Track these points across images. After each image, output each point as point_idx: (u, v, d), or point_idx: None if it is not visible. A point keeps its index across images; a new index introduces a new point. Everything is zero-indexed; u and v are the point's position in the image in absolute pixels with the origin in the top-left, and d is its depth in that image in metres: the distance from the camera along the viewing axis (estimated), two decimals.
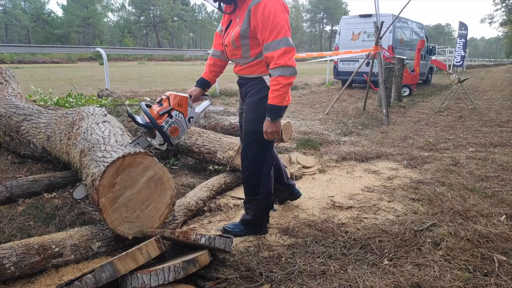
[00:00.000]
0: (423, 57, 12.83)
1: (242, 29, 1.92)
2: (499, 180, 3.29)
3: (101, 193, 1.89)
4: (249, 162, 2.19)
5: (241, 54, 2.03)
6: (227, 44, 2.06)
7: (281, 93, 1.90)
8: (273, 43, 1.86)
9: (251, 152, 2.17)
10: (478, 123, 6.24)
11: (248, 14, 1.88)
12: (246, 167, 2.21)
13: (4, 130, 3.49)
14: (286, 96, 1.95)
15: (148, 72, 19.12)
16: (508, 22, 36.42)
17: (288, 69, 1.87)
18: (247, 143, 2.17)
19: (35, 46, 14.44)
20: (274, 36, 1.85)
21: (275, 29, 1.84)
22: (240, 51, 2.02)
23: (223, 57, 2.24)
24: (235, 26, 1.98)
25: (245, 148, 2.18)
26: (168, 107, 2.10)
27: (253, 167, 2.19)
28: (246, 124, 2.14)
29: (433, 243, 2.17)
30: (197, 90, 2.28)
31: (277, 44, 1.85)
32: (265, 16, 1.84)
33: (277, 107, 1.94)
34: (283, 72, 1.88)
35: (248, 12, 1.88)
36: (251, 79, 2.10)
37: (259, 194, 2.23)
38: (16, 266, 1.74)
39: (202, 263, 1.74)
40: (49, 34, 60.92)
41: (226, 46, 2.07)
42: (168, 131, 2.11)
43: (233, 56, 2.09)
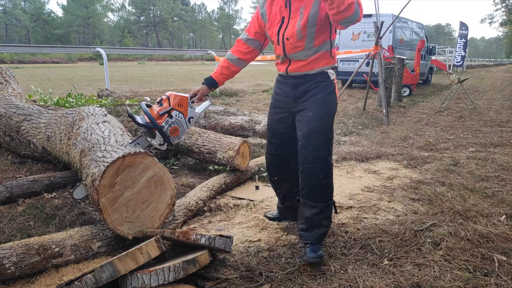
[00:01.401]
0: (423, 57, 12.83)
1: (311, 14, 1.86)
2: (499, 180, 3.29)
3: (101, 193, 1.90)
4: (324, 161, 1.99)
5: (305, 45, 1.92)
6: (289, 36, 1.94)
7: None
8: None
9: (324, 150, 1.99)
10: (478, 123, 6.24)
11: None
12: (320, 168, 1.98)
13: (4, 130, 3.49)
14: None
15: (148, 72, 19.12)
16: (508, 22, 36.43)
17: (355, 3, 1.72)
18: (319, 142, 1.98)
19: (35, 46, 14.44)
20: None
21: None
22: (304, 42, 1.91)
23: (239, 64, 2.21)
24: (296, 17, 1.91)
25: (317, 148, 1.97)
26: (168, 107, 2.10)
27: (328, 167, 2.02)
28: (315, 122, 1.97)
29: (433, 243, 2.17)
30: (204, 88, 2.23)
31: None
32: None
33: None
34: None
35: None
36: (313, 75, 1.99)
37: (331, 197, 2.10)
38: (16, 266, 1.74)
39: (202, 263, 1.74)
40: (49, 34, 60.93)
41: (288, 39, 1.94)
42: (168, 131, 2.11)
43: (295, 50, 1.95)
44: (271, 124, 2.22)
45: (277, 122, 2.17)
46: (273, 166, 2.28)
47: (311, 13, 1.86)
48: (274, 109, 2.19)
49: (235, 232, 2.34)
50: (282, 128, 2.16)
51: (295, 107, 2.07)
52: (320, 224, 2.03)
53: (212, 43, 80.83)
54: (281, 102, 2.13)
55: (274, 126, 2.19)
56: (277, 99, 2.16)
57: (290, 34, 1.93)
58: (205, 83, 2.23)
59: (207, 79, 2.23)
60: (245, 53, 2.19)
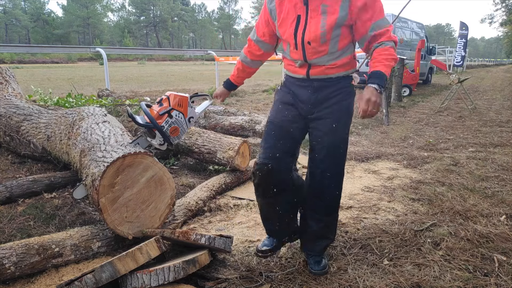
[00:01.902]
0: (423, 57, 12.83)
1: (340, 16, 1.64)
2: (499, 180, 3.29)
3: (101, 193, 1.90)
4: (341, 178, 1.87)
5: (329, 50, 1.72)
6: (311, 40, 1.70)
7: (391, 64, 1.68)
8: (383, 20, 1.69)
9: (343, 166, 1.85)
10: (478, 123, 6.24)
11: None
12: (337, 186, 1.86)
13: (4, 130, 3.49)
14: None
15: (148, 72, 19.12)
16: (508, 22, 36.44)
17: (393, 42, 1.70)
18: (340, 157, 1.82)
19: (35, 46, 14.43)
20: (382, 13, 1.70)
21: (381, 5, 1.70)
22: (328, 46, 1.71)
23: (254, 65, 2.09)
24: (318, 16, 1.67)
25: (338, 164, 1.83)
26: (168, 107, 2.10)
27: (341, 182, 1.89)
28: (337, 134, 1.79)
29: (433, 243, 2.17)
30: (224, 91, 2.19)
31: (386, 22, 1.70)
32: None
33: (385, 76, 1.66)
34: (394, 47, 1.70)
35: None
36: (337, 79, 1.79)
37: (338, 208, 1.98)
38: (16, 266, 1.74)
39: (202, 263, 1.74)
40: (49, 34, 60.96)
41: (309, 43, 1.71)
42: (168, 131, 2.11)
43: (317, 55, 1.73)
44: (282, 121, 1.85)
45: (291, 120, 1.85)
46: (275, 173, 1.81)
47: (340, 15, 1.64)
48: (286, 105, 1.87)
49: (235, 232, 2.34)
50: (294, 128, 1.85)
51: (312, 114, 1.82)
52: (325, 237, 1.95)
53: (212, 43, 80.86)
54: (296, 103, 1.85)
55: (286, 124, 1.85)
56: (289, 98, 1.87)
57: (312, 37, 1.69)
58: (224, 86, 2.18)
59: (226, 83, 2.17)
60: (258, 55, 2.03)
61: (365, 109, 1.65)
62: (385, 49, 1.68)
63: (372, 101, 1.63)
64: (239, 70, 2.11)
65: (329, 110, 1.78)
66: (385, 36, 1.69)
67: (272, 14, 1.80)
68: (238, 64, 2.12)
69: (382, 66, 1.66)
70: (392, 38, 1.70)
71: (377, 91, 1.64)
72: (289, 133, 1.84)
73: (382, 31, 1.69)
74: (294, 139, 1.85)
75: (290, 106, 1.86)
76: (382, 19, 1.69)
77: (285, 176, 1.84)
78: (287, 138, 1.84)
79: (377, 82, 1.65)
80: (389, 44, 1.68)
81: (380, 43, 1.69)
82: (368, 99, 1.64)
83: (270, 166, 1.80)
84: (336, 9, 1.64)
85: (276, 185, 1.83)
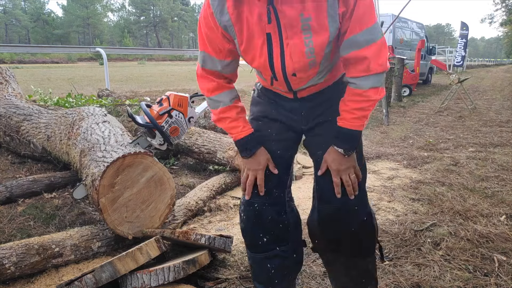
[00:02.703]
0: (423, 57, 12.83)
1: (332, 32, 1.12)
2: (499, 180, 3.29)
3: (101, 193, 1.90)
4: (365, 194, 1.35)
5: (319, 69, 1.23)
6: (297, 70, 1.20)
7: (366, 113, 1.22)
8: (365, 33, 1.12)
9: (364, 178, 1.37)
10: (478, 123, 6.24)
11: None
12: (363, 206, 1.32)
13: (4, 130, 3.49)
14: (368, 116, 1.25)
15: (148, 72, 19.12)
16: (508, 22, 36.44)
17: (382, 76, 1.19)
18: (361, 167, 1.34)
19: (35, 46, 14.46)
20: (367, 22, 1.11)
21: (368, 10, 1.11)
22: (319, 67, 1.22)
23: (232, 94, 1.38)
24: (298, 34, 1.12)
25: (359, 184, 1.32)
26: (168, 107, 2.10)
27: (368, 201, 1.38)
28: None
29: (433, 243, 2.17)
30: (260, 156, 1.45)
31: (370, 35, 1.12)
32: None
33: (356, 133, 1.25)
34: (376, 81, 1.18)
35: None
36: (334, 84, 1.37)
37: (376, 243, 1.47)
38: (16, 266, 1.74)
39: (202, 263, 1.74)
40: (49, 34, 61.00)
41: (294, 74, 1.22)
42: (168, 131, 2.12)
43: (305, 81, 1.27)
44: (264, 142, 1.38)
45: (276, 139, 1.40)
46: (264, 215, 1.37)
47: (331, 31, 1.12)
48: (268, 120, 1.41)
49: (235, 232, 2.34)
50: (282, 149, 1.40)
51: (306, 124, 1.39)
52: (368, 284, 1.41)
53: None
54: (281, 115, 1.40)
55: (271, 146, 1.38)
56: (271, 111, 1.41)
57: (297, 68, 1.19)
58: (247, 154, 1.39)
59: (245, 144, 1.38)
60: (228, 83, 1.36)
61: (337, 182, 1.26)
62: (358, 93, 1.19)
63: (342, 170, 1.26)
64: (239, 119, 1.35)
65: (329, 112, 1.33)
66: (362, 66, 1.15)
67: (229, 31, 1.18)
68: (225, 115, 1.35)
69: (350, 120, 1.23)
70: (374, 69, 1.15)
71: (344, 156, 1.26)
72: (278, 157, 1.39)
73: (358, 54, 1.14)
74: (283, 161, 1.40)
75: (273, 121, 1.40)
76: (365, 30, 1.11)
77: (278, 216, 1.39)
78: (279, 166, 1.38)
79: (343, 145, 1.25)
80: (365, 85, 1.17)
81: (354, 80, 1.19)
82: (337, 170, 1.26)
83: (256, 207, 1.37)
84: (323, 23, 1.10)
85: (266, 230, 1.38)
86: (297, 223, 1.50)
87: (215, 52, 1.25)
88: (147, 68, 23.11)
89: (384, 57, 1.16)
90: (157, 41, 74.84)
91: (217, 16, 1.16)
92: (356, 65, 1.18)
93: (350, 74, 1.21)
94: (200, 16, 1.23)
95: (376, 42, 1.14)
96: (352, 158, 1.29)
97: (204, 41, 1.25)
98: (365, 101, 1.20)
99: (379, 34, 1.15)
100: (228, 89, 1.34)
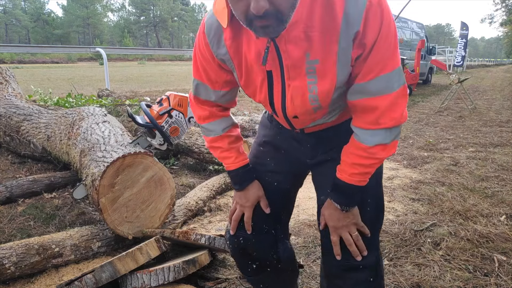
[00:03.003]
0: (423, 57, 12.85)
1: (340, 80, 0.95)
2: (499, 180, 3.29)
3: (101, 193, 1.90)
4: (376, 250, 1.14)
5: (326, 113, 1.09)
6: (298, 114, 1.06)
7: (370, 170, 1.04)
8: (380, 80, 0.93)
9: (378, 232, 1.18)
10: (478, 123, 6.24)
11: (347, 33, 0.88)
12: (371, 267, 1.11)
13: (4, 130, 3.49)
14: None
15: (148, 72, 19.12)
16: (508, 22, 36.46)
17: (394, 131, 0.99)
18: (372, 217, 1.13)
19: (35, 46, 14.46)
20: (385, 67, 0.92)
21: (389, 52, 0.91)
22: (326, 110, 1.07)
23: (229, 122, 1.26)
24: (301, 78, 0.97)
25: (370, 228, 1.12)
26: (168, 107, 2.10)
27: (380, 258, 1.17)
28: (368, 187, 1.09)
29: (433, 243, 2.17)
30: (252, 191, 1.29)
31: (387, 83, 0.93)
32: (383, 31, 0.89)
33: (355, 189, 1.06)
34: (385, 137, 0.99)
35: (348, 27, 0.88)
36: (345, 122, 1.15)
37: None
38: (16, 266, 1.74)
39: (202, 263, 1.74)
40: (49, 34, 61.03)
41: (296, 117, 1.08)
42: (168, 131, 2.12)
43: (310, 122, 1.12)
44: (261, 172, 1.26)
45: (274, 171, 1.26)
46: (249, 250, 1.23)
47: (339, 79, 0.95)
48: (270, 147, 1.28)
49: None
50: (280, 181, 1.26)
51: (313, 158, 1.21)
52: None
53: None
54: (286, 143, 1.25)
55: (267, 178, 1.26)
56: (276, 137, 1.27)
57: (299, 112, 1.05)
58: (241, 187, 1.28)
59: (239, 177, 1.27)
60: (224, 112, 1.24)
61: (336, 241, 1.10)
62: (361, 148, 1.01)
63: (339, 227, 1.09)
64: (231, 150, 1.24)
65: (337, 149, 1.12)
66: (371, 116, 0.97)
67: (227, 64, 1.07)
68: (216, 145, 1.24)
69: (351, 175, 1.05)
70: (384, 123, 0.96)
71: (342, 211, 1.08)
72: (274, 189, 1.25)
73: (368, 103, 0.96)
74: (279, 194, 1.26)
75: (276, 150, 1.26)
76: (379, 78, 0.93)
77: (269, 254, 1.24)
78: (269, 196, 1.24)
79: (340, 200, 1.08)
80: (372, 141, 0.99)
81: (360, 131, 1.01)
82: (334, 228, 1.10)
83: (241, 241, 1.23)
84: (331, 69, 0.93)
85: (254, 261, 1.25)
86: (290, 259, 1.33)
87: (210, 82, 1.14)
88: (147, 68, 23.11)
89: (400, 110, 0.96)
90: (157, 41, 74.86)
91: (213, 48, 1.04)
92: (363, 115, 1.00)
93: (355, 123, 1.03)
94: (196, 43, 1.12)
95: (391, 93, 0.94)
96: (352, 213, 1.10)
97: (198, 69, 1.14)
98: (369, 158, 1.01)
99: (399, 82, 0.95)
100: (221, 117, 1.22)
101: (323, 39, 0.90)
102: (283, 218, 1.31)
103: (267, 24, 0.84)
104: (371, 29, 0.88)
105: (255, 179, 1.25)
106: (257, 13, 0.80)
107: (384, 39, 0.90)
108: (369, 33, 0.89)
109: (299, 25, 0.90)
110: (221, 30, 1.01)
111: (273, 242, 1.26)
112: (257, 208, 1.24)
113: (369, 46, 0.90)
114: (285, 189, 1.28)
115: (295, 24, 0.89)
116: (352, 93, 0.99)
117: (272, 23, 0.84)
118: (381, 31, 0.89)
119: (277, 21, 0.83)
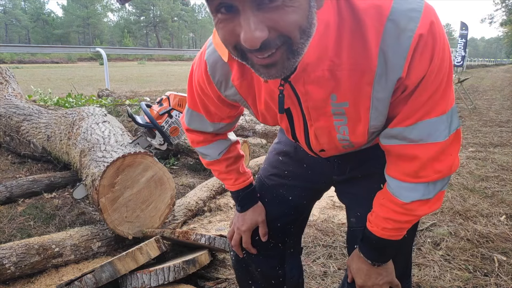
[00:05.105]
0: None
1: (373, 125, 0.79)
2: (499, 180, 3.29)
3: (101, 193, 1.90)
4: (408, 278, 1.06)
5: (358, 148, 0.95)
6: (326, 149, 0.92)
7: (406, 226, 0.88)
8: (422, 127, 0.75)
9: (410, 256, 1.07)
10: (478, 123, 6.24)
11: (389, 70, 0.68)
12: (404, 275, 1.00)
13: (4, 130, 3.49)
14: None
15: (148, 72, 19.13)
16: (508, 22, 36.49)
17: (441, 183, 0.81)
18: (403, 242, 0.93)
19: (35, 46, 14.46)
20: (432, 110, 0.73)
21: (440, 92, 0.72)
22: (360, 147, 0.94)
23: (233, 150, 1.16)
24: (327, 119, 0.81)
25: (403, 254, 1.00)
26: (168, 107, 2.11)
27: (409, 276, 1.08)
28: None
29: (433, 243, 2.17)
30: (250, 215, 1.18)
31: (431, 130, 0.75)
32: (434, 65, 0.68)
33: (389, 244, 0.89)
34: (428, 192, 0.81)
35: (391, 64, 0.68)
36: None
37: None
38: (16, 266, 1.74)
39: (202, 263, 1.74)
40: (49, 34, 61.06)
41: (323, 150, 0.93)
42: (168, 131, 2.12)
43: (337, 153, 0.98)
44: (273, 185, 1.13)
45: (291, 186, 1.11)
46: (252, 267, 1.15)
47: (373, 124, 0.79)
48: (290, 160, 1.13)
49: None
50: (296, 196, 1.12)
51: (341, 174, 1.05)
52: None
53: None
54: (309, 157, 1.07)
55: (281, 190, 1.12)
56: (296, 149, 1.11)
57: (327, 147, 0.91)
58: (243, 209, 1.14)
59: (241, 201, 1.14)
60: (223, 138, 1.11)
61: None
62: (395, 203, 0.84)
63: (370, 286, 0.92)
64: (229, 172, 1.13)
65: (372, 163, 0.97)
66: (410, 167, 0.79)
67: (240, 103, 0.94)
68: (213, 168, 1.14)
69: (384, 229, 0.87)
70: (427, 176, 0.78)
71: (372, 266, 0.92)
72: (286, 203, 1.11)
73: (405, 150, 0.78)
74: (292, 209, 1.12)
75: (297, 164, 1.11)
76: (422, 123, 0.74)
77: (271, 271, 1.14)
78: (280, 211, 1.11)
79: (370, 255, 0.91)
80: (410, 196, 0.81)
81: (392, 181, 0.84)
82: (362, 286, 0.93)
83: (245, 253, 1.13)
84: (365, 115, 0.77)
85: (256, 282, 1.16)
86: (295, 283, 1.19)
87: (208, 114, 0.99)
88: (147, 68, 23.12)
89: (448, 162, 0.77)
90: (157, 41, 74.89)
91: (221, 90, 0.89)
92: (399, 162, 0.81)
93: (389, 172, 0.85)
94: (195, 78, 0.93)
95: (437, 142, 0.75)
96: (386, 269, 0.91)
97: (194, 100, 0.98)
98: (405, 215, 0.83)
99: (450, 129, 0.75)
100: (216, 140, 1.09)
101: (353, 79, 0.71)
102: (294, 230, 1.16)
103: (270, 62, 0.61)
104: (417, 69, 0.68)
105: (260, 199, 1.13)
106: (250, 47, 0.58)
107: (433, 76, 0.69)
108: (414, 73, 0.68)
109: (324, 63, 0.70)
110: (228, 69, 0.83)
111: (280, 258, 1.14)
112: (298, 220, 1.15)
113: (412, 86, 0.70)
114: (300, 204, 1.13)
115: (318, 61, 0.70)
116: (386, 136, 0.80)
117: (277, 58, 0.61)
118: (431, 67, 0.68)
119: (286, 52, 0.61)
